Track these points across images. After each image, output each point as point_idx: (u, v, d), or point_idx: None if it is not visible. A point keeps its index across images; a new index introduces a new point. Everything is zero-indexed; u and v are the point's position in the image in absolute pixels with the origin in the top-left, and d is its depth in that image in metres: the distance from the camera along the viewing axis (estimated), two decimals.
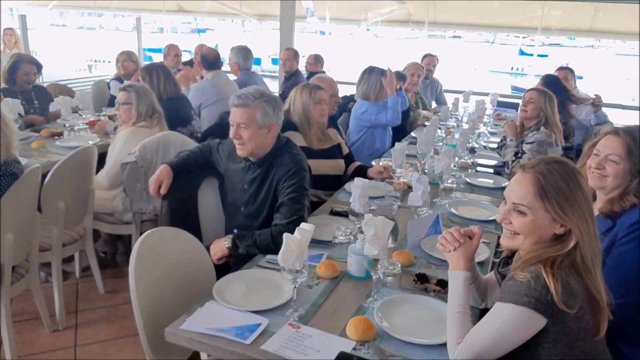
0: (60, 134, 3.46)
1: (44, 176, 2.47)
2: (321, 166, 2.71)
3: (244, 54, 4.74)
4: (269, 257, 1.83)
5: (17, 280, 2.27)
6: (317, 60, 5.76)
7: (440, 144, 3.44)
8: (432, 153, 3.11)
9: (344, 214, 2.24)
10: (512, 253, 1.38)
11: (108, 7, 9.84)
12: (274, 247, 1.83)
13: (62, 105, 3.47)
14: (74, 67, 7.40)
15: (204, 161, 2.35)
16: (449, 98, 5.74)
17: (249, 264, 1.79)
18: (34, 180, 2.26)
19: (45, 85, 4.70)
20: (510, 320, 1.17)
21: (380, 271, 1.49)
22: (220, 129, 3.61)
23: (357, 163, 2.93)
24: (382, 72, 3.70)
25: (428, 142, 2.95)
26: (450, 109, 4.89)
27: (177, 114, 3.51)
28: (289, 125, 2.68)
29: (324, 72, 5.75)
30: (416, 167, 2.72)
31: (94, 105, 4.74)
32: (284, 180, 1.99)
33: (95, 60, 7.69)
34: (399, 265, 1.59)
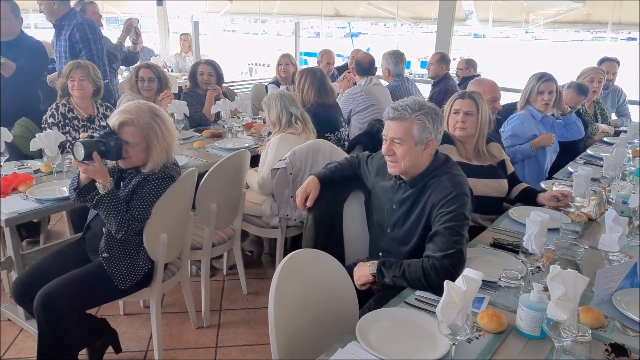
0: (220, 135, 3.62)
1: (201, 176, 2.56)
2: (480, 186, 2.39)
3: (394, 59, 4.54)
4: (418, 293, 1.60)
5: (168, 277, 2.36)
6: (468, 64, 5.34)
7: (632, 167, 2.86)
8: (619, 178, 2.58)
9: (509, 248, 1.91)
10: None
11: (271, 12, 10.42)
12: (425, 282, 1.60)
13: (222, 108, 3.62)
14: (237, 70, 7.94)
15: (352, 174, 2.20)
16: (632, 110, 4.89)
17: (395, 299, 1.58)
18: (191, 182, 2.32)
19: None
20: None
21: (565, 339, 1.17)
22: (369, 137, 3.47)
23: (524, 185, 2.54)
24: (540, 78, 3.26)
25: (617, 165, 2.45)
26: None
27: (325, 120, 3.44)
28: (443, 137, 2.42)
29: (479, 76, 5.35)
30: (601, 196, 2.25)
31: (251, 108, 4.95)
32: (441, 205, 1.73)
33: (256, 64, 8.15)
34: (590, 332, 1.25)
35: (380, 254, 1.96)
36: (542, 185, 2.67)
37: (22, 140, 3.07)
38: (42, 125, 3.11)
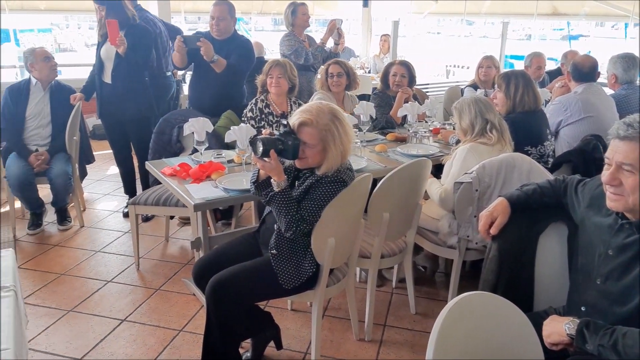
0: (404, 140, 3.45)
1: (377, 182, 2.42)
2: None
3: (623, 64, 3.73)
4: None
5: (333, 283, 2.28)
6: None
7: None
8: None
9: None
10: None
11: (478, 13, 9.83)
12: None
13: (409, 112, 3.43)
14: (434, 72, 7.66)
15: (554, 201, 1.80)
16: None
17: None
18: (364, 189, 2.20)
19: None
20: None
21: None
22: (582, 156, 2.89)
23: None
24: None
25: None
26: None
27: (527, 130, 2.98)
28: None
29: None
30: None
31: (442, 113, 4.65)
32: None
33: (454, 66, 7.74)
34: None
35: (583, 308, 1.54)
36: None
37: (225, 131, 3.35)
38: (242, 119, 3.34)
